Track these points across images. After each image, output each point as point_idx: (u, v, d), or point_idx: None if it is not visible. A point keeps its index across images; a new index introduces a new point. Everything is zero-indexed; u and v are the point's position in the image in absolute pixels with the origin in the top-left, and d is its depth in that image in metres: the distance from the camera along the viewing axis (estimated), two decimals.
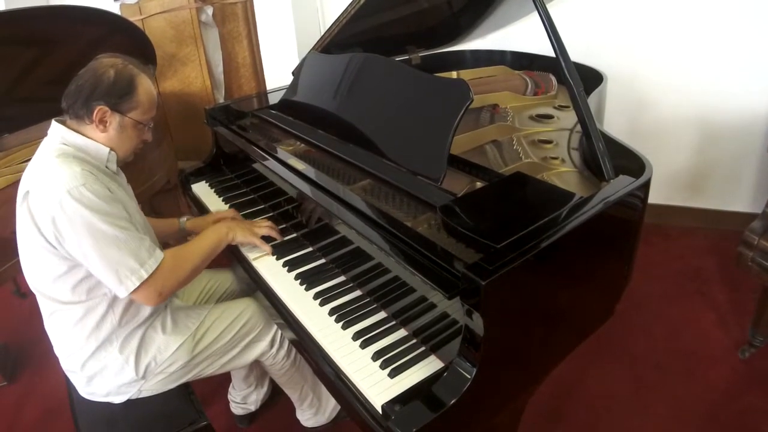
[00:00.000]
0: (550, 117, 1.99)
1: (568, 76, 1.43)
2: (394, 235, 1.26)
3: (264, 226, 1.70)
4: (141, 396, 1.58)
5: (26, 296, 3.03)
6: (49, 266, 1.40)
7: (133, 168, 2.44)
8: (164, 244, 1.60)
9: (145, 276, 1.38)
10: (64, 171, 1.34)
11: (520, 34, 2.68)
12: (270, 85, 3.28)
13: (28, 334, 2.74)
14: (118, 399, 1.57)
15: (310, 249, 1.69)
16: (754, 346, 2.23)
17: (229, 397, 2.14)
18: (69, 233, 1.33)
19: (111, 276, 1.36)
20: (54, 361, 1.58)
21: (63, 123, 1.47)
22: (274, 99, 2.18)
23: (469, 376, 1.08)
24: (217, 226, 1.65)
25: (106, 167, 1.49)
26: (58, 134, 1.45)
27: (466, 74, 2.39)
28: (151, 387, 1.58)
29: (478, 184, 1.46)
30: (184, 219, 1.91)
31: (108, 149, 1.48)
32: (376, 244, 1.31)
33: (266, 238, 1.70)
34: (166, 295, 1.45)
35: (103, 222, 1.33)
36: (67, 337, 1.51)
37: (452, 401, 1.07)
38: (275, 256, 1.67)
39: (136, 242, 1.38)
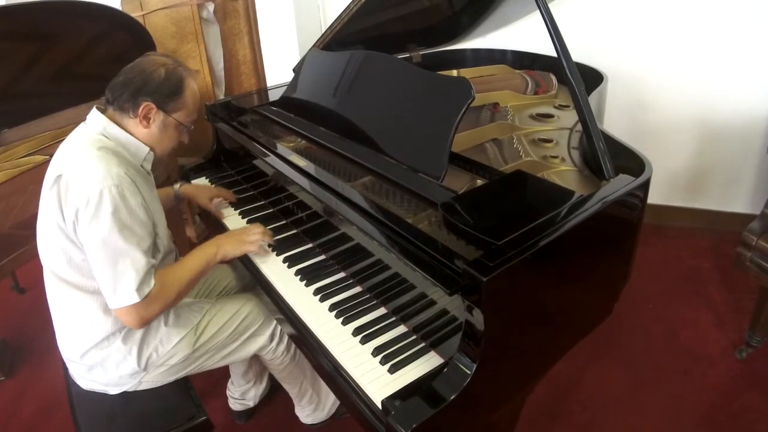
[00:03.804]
0: (550, 116, 1.99)
1: (569, 75, 1.43)
2: (396, 232, 1.26)
3: (255, 233, 1.64)
4: (140, 388, 1.58)
5: (25, 291, 3.03)
6: (66, 251, 1.41)
7: None
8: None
9: (137, 300, 1.36)
10: (102, 167, 1.33)
11: (521, 34, 2.68)
12: (270, 82, 3.28)
13: (26, 329, 2.74)
14: (116, 390, 1.57)
15: (310, 245, 1.69)
16: (751, 347, 2.23)
17: (227, 392, 2.14)
18: (86, 230, 1.33)
19: (107, 285, 1.36)
20: (52, 356, 1.58)
21: (103, 112, 1.47)
22: (274, 96, 2.18)
23: (469, 372, 1.09)
24: (205, 246, 1.59)
25: (142, 166, 1.50)
26: (99, 124, 1.45)
27: (467, 73, 2.39)
28: (151, 379, 1.58)
29: (479, 182, 1.47)
30: (177, 185, 1.93)
31: (148, 149, 1.49)
32: (377, 241, 1.32)
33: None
34: (148, 320, 1.44)
35: (120, 232, 1.32)
36: (74, 324, 1.51)
37: (452, 397, 1.07)
38: (275, 252, 1.67)
39: (142, 263, 1.36)
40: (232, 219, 1.90)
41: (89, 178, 1.32)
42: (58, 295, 1.51)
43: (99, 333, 1.50)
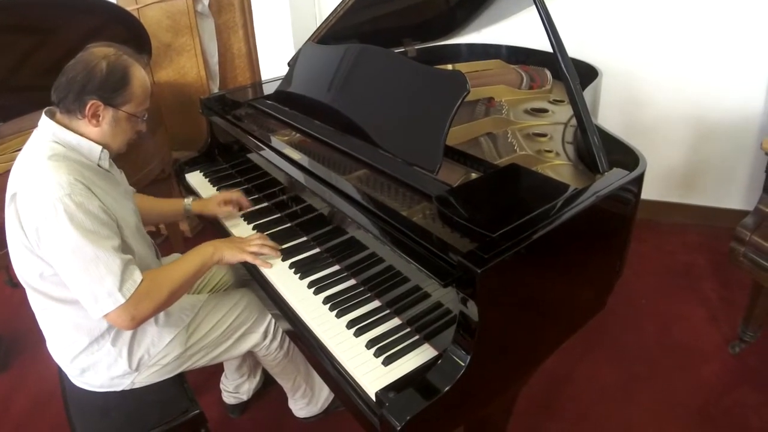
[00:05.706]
0: (544, 111, 1.99)
1: (565, 70, 1.43)
2: (390, 224, 1.26)
3: (255, 243, 1.59)
4: (133, 388, 1.57)
5: (18, 286, 3.01)
6: (37, 266, 1.37)
7: (128, 158, 2.43)
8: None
9: (122, 301, 1.30)
10: (51, 179, 1.28)
11: (516, 29, 2.68)
12: (265, 76, 3.28)
13: (20, 323, 2.73)
14: (109, 390, 1.56)
15: (304, 238, 1.69)
16: (744, 342, 2.25)
17: (221, 386, 2.14)
18: (50, 245, 1.29)
19: (86, 295, 1.31)
20: (46, 350, 1.57)
21: (53, 116, 1.42)
22: (269, 90, 2.17)
23: (463, 364, 1.09)
24: (202, 247, 1.54)
25: (99, 165, 1.45)
26: (49, 131, 1.39)
27: (462, 68, 2.39)
28: (144, 379, 1.57)
29: (473, 176, 1.47)
30: (189, 200, 1.88)
31: (100, 148, 1.42)
32: (372, 234, 1.32)
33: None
34: (140, 320, 1.37)
35: (85, 238, 1.27)
36: (59, 332, 1.50)
37: (446, 388, 1.08)
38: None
39: (117, 262, 1.30)
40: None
41: (40, 193, 1.28)
42: (38, 306, 1.49)
43: (85, 338, 1.48)
